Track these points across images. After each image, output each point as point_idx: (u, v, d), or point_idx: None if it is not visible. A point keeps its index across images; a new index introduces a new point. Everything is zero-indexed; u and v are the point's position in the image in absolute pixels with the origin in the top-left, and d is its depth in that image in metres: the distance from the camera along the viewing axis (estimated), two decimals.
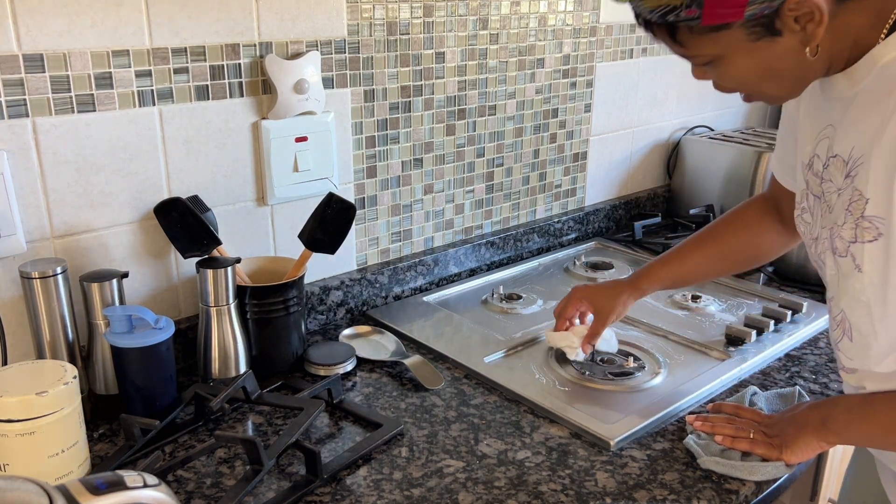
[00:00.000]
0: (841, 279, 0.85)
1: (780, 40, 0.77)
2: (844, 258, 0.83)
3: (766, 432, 0.98)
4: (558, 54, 1.62)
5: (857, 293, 0.82)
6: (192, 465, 0.96)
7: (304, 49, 1.22)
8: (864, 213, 0.79)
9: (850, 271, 0.82)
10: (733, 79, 0.83)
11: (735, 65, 0.80)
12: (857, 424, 0.91)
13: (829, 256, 0.86)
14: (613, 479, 0.95)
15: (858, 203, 0.80)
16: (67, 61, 1.01)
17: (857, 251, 0.81)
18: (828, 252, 0.86)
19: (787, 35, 0.76)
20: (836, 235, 0.84)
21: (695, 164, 1.90)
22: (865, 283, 0.81)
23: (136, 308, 1.02)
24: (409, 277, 1.47)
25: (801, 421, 0.96)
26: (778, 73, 0.81)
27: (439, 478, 0.95)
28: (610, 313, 1.17)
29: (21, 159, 1.01)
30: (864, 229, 0.79)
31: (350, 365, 1.20)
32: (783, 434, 0.96)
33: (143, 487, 0.56)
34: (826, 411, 0.94)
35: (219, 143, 1.18)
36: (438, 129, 1.45)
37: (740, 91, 0.86)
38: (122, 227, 1.12)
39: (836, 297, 0.87)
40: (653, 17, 0.79)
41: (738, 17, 0.75)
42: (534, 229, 1.68)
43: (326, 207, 1.16)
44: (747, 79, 0.82)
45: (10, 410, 0.84)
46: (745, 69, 0.81)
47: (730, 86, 0.85)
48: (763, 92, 0.85)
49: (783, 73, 0.81)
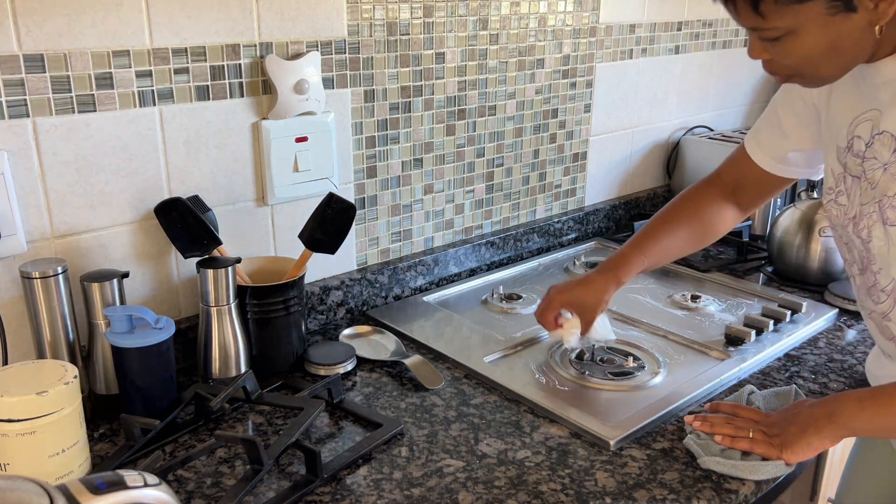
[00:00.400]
0: (891, 247, 0.87)
1: (853, 17, 0.79)
2: (895, 226, 0.86)
3: (765, 431, 0.98)
4: (558, 54, 1.62)
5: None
6: (193, 465, 0.97)
7: (305, 49, 1.22)
8: None
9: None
10: (798, 54, 0.83)
11: (805, 39, 0.81)
12: (868, 414, 0.91)
13: (878, 228, 0.89)
14: (613, 479, 0.95)
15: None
16: (68, 61, 1.01)
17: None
18: (877, 224, 0.89)
19: (861, 13, 0.78)
20: (888, 206, 0.86)
21: (694, 164, 1.90)
22: None
23: (137, 308, 1.03)
24: (409, 277, 1.47)
25: (804, 420, 0.96)
26: (840, 51, 0.83)
27: (439, 477, 0.95)
28: (595, 310, 1.16)
29: (21, 159, 1.01)
30: None
31: (350, 365, 1.20)
32: (784, 433, 0.96)
33: (144, 487, 0.57)
34: (832, 406, 0.94)
35: (219, 143, 1.18)
36: (438, 129, 1.45)
37: (798, 68, 0.86)
38: (123, 227, 1.12)
39: (884, 268, 0.90)
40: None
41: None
42: (534, 229, 1.68)
43: (326, 207, 1.16)
44: (812, 54, 0.83)
45: (11, 410, 0.84)
46: (813, 44, 0.81)
47: (791, 62, 0.85)
48: (819, 71, 0.86)
49: (845, 51, 0.83)
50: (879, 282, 0.92)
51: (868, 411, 0.91)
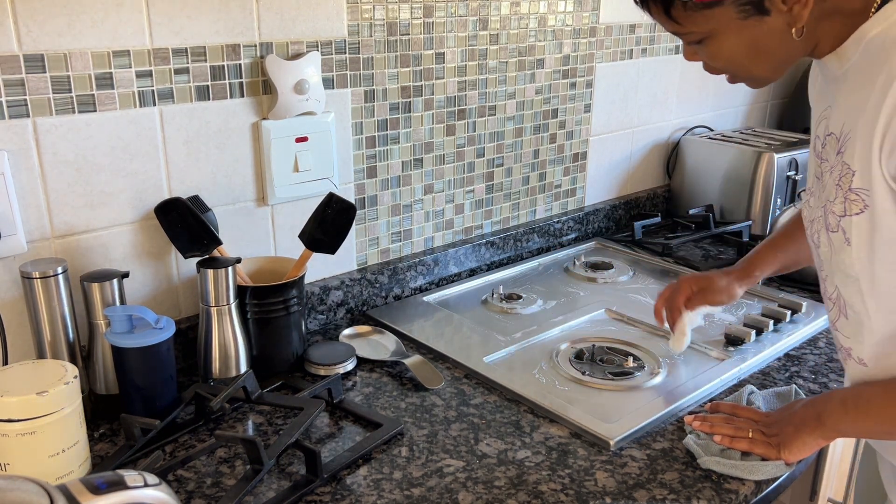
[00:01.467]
0: (833, 255, 0.86)
1: (767, 20, 0.80)
2: (836, 233, 0.84)
3: (764, 431, 0.98)
4: (558, 55, 1.62)
5: (847, 268, 0.84)
6: (193, 465, 0.97)
7: (305, 49, 1.22)
8: (852, 186, 0.80)
9: (842, 246, 0.84)
10: (722, 57, 0.85)
11: (724, 43, 0.83)
12: (851, 417, 0.91)
13: (823, 234, 0.88)
14: (613, 479, 0.95)
15: (846, 177, 0.81)
16: (68, 61, 1.01)
17: (847, 225, 0.82)
18: (822, 230, 0.88)
19: (775, 15, 0.79)
20: (829, 211, 0.85)
21: (694, 164, 1.90)
22: (854, 256, 0.82)
23: (137, 308, 1.03)
24: (409, 277, 1.47)
25: (798, 420, 0.96)
26: (764, 53, 0.83)
27: (439, 477, 0.95)
28: (721, 294, 1.17)
29: (22, 159, 1.01)
30: (852, 202, 0.81)
31: (350, 365, 1.20)
32: (781, 433, 0.96)
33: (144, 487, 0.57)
34: (820, 407, 0.94)
35: (219, 143, 1.18)
36: (438, 130, 1.45)
37: (728, 70, 0.88)
38: (123, 227, 1.12)
39: (829, 275, 0.89)
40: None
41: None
42: (534, 229, 1.68)
43: (327, 207, 1.16)
44: (735, 57, 0.84)
45: (11, 410, 0.84)
46: (733, 47, 0.83)
47: (718, 65, 0.87)
48: (749, 71, 0.87)
49: (769, 52, 0.83)
50: (827, 289, 0.91)
51: (851, 415, 0.91)
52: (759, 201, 1.78)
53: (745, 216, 1.81)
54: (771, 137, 1.90)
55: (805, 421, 0.95)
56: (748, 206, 1.80)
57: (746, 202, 1.80)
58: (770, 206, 1.77)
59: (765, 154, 1.76)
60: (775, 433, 0.97)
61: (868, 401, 0.89)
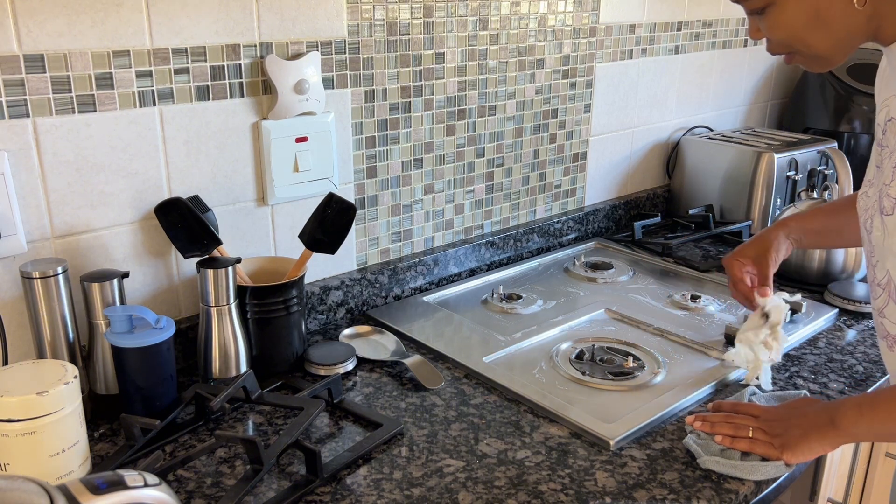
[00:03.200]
0: (887, 237, 0.84)
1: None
2: (891, 216, 0.83)
3: (766, 430, 0.98)
4: (558, 55, 1.62)
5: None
6: (193, 465, 0.97)
7: (305, 49, 1.22)
8: None
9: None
10: (782, 27, 0.84)
11: (786, 10, 0.82)
12: (867, 420, 0.90)
13: (877, 218, 0.86)
14: (613, 479, 0.95)
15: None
16: (68, 61, 1.01)
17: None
18: (876, 214, 0.86)
19: None
20: (885, 194, 0.84)
21: (694, 164, 1.90)
22: None
23: (137, 308, 1.03)
24: (409, 277, 1.47)
25: (808, 424, 0.95)
26: (826, 24, 0.82)
27: (439, 477, 0.95)
28: (769, 250, 1.15)
29: (22, 159, 1.01)
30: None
31: (350, 365, 1.20)
32: (786, 434, 0.96)
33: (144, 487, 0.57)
34: (833, 413, 0.94)
35: (219, 143, 1.18)
36: (438, 130, 1.45)
37: (789, 43, 0.87)
38: (123, 227, 1.12)
39: (881, 260, 0.87)
40: None
41: None
42: (534, 229, 1.68)
43: (326, 207, 1.16)
44: (796, 27, 0.84)
45: (11, 410, 0.84)
46: (795, 15, 0.82)
47: (780, 36, 0.86)
48: (811, 46, 0.85)
49: (831, 24, 0.82)
50: (876, 275, 0.90)
51: (867, 417, 0.90)
52: (759, 201, 1.78)
53: (745, 216, 1.81)
54: (771, 137, 1.90)
55: (815, 426, 0.94)
56: (748, 206, 1.80)
57: (746, 202, 1.80)
58: (770, 206, 1.77)
59: (765, 154, 1.76)
60: (779, 433, 0.96)
61: (887, 401, 0.88)
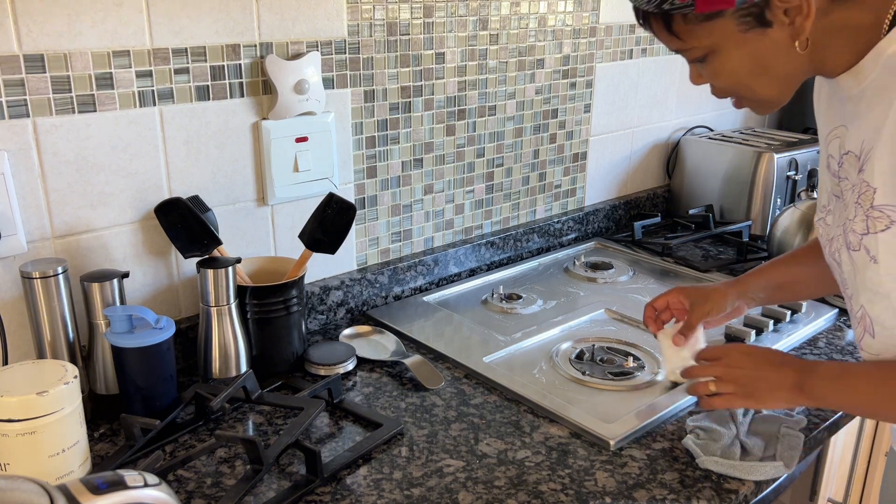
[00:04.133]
0: (857, 274, 0.84)
1: (770, 32, 0.78)
2: (858, 252, 0.83)
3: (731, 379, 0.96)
4: (558, 55, 1.62)
5: (875, 286, 0.82)
6: (193, 465, 0.97)
7: (305, 49, 1.22)
8: (874, 203, 0.79)
9: (866, 264, 0.82)
10: (725, 74, 0.84)
11: (727, 58, 0.82)
12: (835, 394, 0.90)
13: (844, 253, 0.86)
14: (613, 479, 0.95)
15: (867, 194, 0.80)
16: (68, 61, 1.01)
17: (871, 243, 0.81)
18: (842, 249, 0.86)
19: (777, 28, 0.78)
20: (849, 230, 0.84)
21: (694, 164, 1.90)
22: (882, 273, 0.80)
23: (137, 308, 1.03)
24: (409, 277, 1.47)
25: (776, 381, 0.94)
26: (768, 69, 0.82)
27: (439, 477, 0.95)
28: (704, 303, 1.11)
29: (22, 159, 1.01)
30: (875, 219, 0.79)
31: (350, 365, 1.20)
32: (751, 385, 0.94)
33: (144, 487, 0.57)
34: (803, 377, 0.92)
35: (219, 143, 1.18)
36: (438, 130, 1.45)
37: (734, 90, 0.87)
38: (123, 227, 1.12)
39: (854, 294, 0.87)
40: (650, 7, 0.81)
41: (729, 4, 0.76)
42: (534, 229, 1.68)
43: (326, 207, 1.16)
44: (739, 73, 0.83)
45: (11, 410, 0.84)
46: (736, 63, 0.82)
47: (722, 83, 0.86)
48: (755, 91, 0.85)
49: (774, 68, 0.82)
50: (853, 307, 0.90)
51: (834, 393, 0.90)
52: (759, 201, 1.78)
53: (745, 216, 1.81)
54: (771, 137, 1.90)
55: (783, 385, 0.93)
56: (748, 206, 1.80)
57: (746, 202, 1.80)
58: (770, 206, 1.77)
59: (765, 154, 1.76)
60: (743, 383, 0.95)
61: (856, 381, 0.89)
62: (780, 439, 0.99)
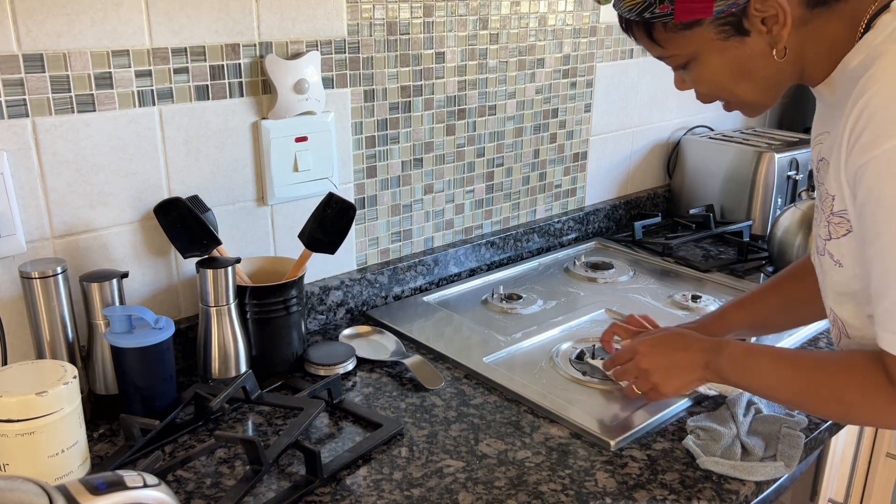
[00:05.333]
0: (825, 277, 0.87)
1: (748, 41, 0.80)
2: (823, 257, 0.86)
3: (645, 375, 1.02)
4: (558, 54, 1.62)
5: (840, 287, 0.85)
6: (192, 465, 0.96)
7: (304, 49, 1.22)
8: (833, 210, 0.82)
9: (831, 268, 0.85)
10: (706, 80, 0.86)
11: (708, 65, 0.84)
12: (737, 376, 0.95)
13: (816, 258, 0.89)
14: (613, 479, 0.95)
15: (827, 201, 0.83)
16: (67, 61, 1.01)
17: (834, 248, 0.83)
18: (815, 254, 0.90)
19: (755, 36, 0.80)
20: (817, 235, 0.87)
21: (695, 164, 1.90)
22: (849, 276, 0.83)
23: (136, 308, 1.02)
24: (409, 277, 1.47)
25: (686, 365, 0.99)
26: (749, 75, 0.83)
27: (439, 478, 0.95)
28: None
29: (21, 159, 1.01)
30: (836, 225, 0.82)
31: (350, 365, 1.20)
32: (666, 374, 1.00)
33: (143, 487, 0.57)
34: (710, 357, 0.97)
35: (219, 143, 1.18)
36: (438, 129, 1.45)
37: (717, 95, 0.88)
38: (122, 226, 1.12)
39: (826, 297, 0.90)
40: (631, 16, 0.83)
41: (707, 13, 0.78)
42: (534, 229, 1.68)
43: (326, 207, 1.16)
44: (720, 80, 0.85)
45: (10, 410, 0.84)
46: (717, 70, 0.84)
47: (706, 89, 0.88)
48: (738, 96, 0.87)
49: (754, 75, 0.83)
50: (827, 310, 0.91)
51: (738, 373, 0.94)
52: (760, 201, 1.78)
53: (746, 216, 1.81)
54: (771, 137, 1.90)
55: (693, 367, 0.98)
56: (748, 206, 1.80)
57: (747, 202, 1.80)
58: (770, 206, 1.77)
59: (765, 154, 1.76)
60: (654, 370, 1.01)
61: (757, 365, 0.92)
62: (781, 439, 0.99)
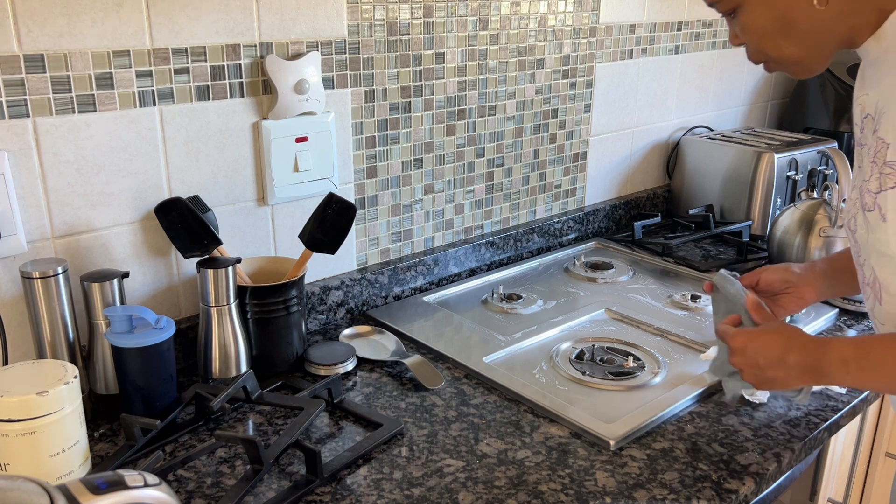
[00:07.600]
0: (870, 234, 0.83)
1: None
2: (872, 212, 0.81)
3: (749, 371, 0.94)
4: (558, 55, 1.62)
5: (882, 246, 0.80)
6: (193, 465, 0.97)
7: (305, 49, 1.22)
8: (886, 160, 0.78)
9: (877, 223, 0.80)
10: (752, 30, 0.86)
11: (753, 13, 0.84)
12: (854, 374, 0.85)
13: (860, 215, 0.84)
14: (613, 479, 0.95)
15: (882, 151, 0.79)
16: (68, 61, 1.01)
17: (882, 200, 0.80)
18: (859, 212, 0.85)
19: None
20: (865, 190, 0.82)
21: (694, 164, 1.90)
22: (890, 233, 0.79)
23: (137, 308, 1.03)
24: (409, 277, 1.47)
25: (790, 365, 0.89)
26: (793, 26, 0.83)
27: (439, 477, 0.95)
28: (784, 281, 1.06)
29: (22, 159, 1.01)
30: (887, 176, 0.78)
31: (350, 365, 1.20)
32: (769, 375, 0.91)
33: (144, 487, 0.57)
34: (816, 357, 0.88)
35: (219, 143, 1.18)
36: (438, 130, 1.45)
37: (761, 47, 0.87)
38: (123, 226, 1.12)
39: (866, 259, 0.86)
40: None
41: None
42: (534, 229, 1.68)
43: (327, 207, 1.16)
44: (765, 30, 0.85)
45: (11, 410, 0.84)
46: (762, 18, 0.84)
47: (751, 40, 0.87)
48: (782, 49, 0.86)
49: (798, 26, 0.83)
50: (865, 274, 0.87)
51: (853, 373, 0.85)
52: (759, 201, 1.78)
53: (745, 216, 1.81)
54: (771, 137, 1.90)
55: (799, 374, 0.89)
56: (748, 206, 1.80)
57: (746, 202, 1.80)
58: (770, 206, 1.77)
59: (765, 154, 1.76)
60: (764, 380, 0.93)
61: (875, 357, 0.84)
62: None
